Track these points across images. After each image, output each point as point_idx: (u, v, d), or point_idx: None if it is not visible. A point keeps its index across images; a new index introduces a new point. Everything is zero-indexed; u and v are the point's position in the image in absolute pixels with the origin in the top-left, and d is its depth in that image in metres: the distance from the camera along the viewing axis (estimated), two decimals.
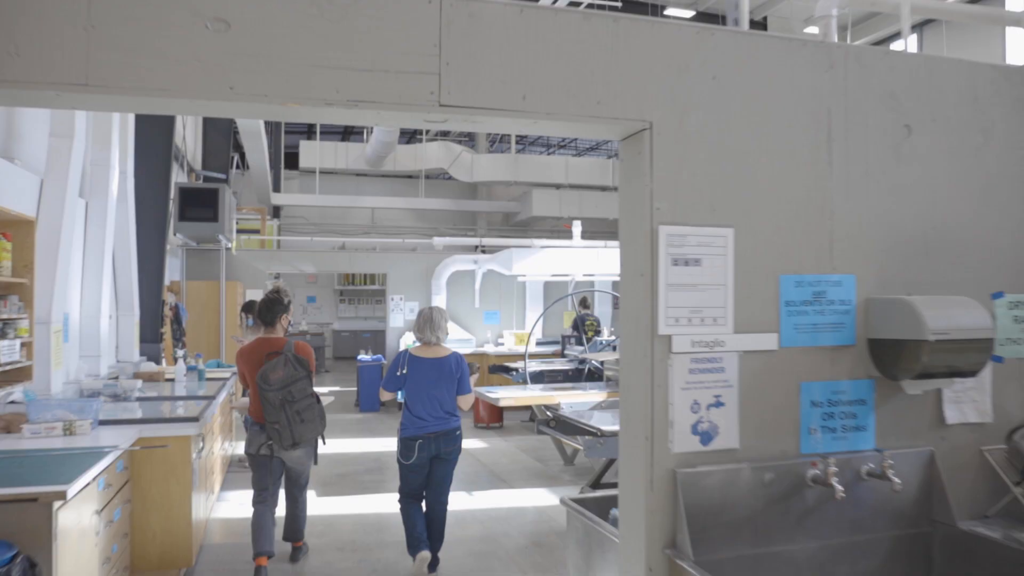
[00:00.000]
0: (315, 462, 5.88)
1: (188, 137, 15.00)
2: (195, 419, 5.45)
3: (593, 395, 8.12)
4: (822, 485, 2.67)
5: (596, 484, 6.48)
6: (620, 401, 2.79)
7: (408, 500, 5.49)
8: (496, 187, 26.53)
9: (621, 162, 2.78)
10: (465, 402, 5.48)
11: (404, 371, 5.40)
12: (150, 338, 9.40)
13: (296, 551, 5.89)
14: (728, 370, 2.67)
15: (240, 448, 9.55)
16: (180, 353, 8.60)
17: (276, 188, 24.40)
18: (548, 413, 7.44)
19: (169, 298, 10.99)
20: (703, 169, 2.66)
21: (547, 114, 2.49)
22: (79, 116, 6.29)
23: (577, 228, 14.98)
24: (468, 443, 10.27)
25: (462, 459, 9.04)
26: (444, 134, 25.56)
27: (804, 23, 19.15)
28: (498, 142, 27.42)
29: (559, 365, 11.06)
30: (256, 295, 13.46)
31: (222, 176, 16.89)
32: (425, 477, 5.45)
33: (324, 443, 5.74)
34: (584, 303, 13.18)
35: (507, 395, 8.17)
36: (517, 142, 26.57)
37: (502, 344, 13.87)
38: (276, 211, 24.49)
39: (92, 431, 5.01)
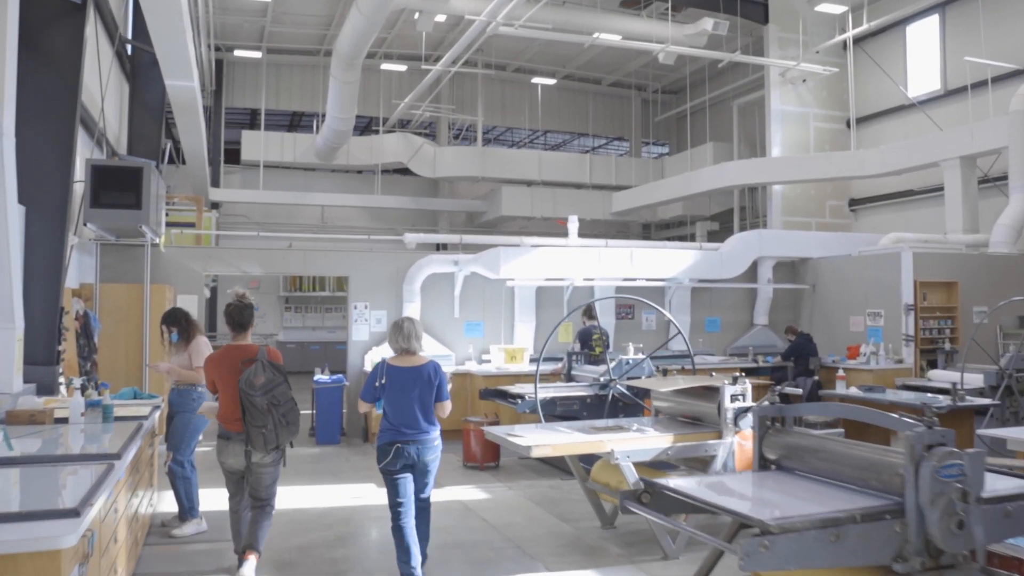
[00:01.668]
0: (284, 464, 5.58)
1: (109, 113, 12.51)
2: (75, 513, 3.17)
3: (653, 439, 5.93)
4: None
5: None
6: None
7: (397, 514, 5.26)
8: (460, 184, 24.30)
9: None
10: (443, 409, 5.42)
11: (383, 381, 5.32)
12: (42, 359, 6.99)
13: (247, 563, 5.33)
14: None
15: (164, 506, 7.19)
16: (77, 383, 6.22)
17: (215, 183, 21.90)
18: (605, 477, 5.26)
19: (75, 305, 8.58)
20: None
21: None
22: None
23: (573, 224, 12.89)
24: (463, 493, 8.08)
25: (468, 525, 6.86)
26: (403, 124, 23.26)
27: (810, 2, 17.36)
28: (462, 135, 25.17)
29: (571, 390, 8.91)
30: (190, 302, 11.05)
31: (151, 162, 14.43)
32: (410, 481, 5.33)
33: (292, 447, 5.68)
34: (589, 313, 11.08)
35: (537, 440, 5.90)
36: (483, 135, 24.41)
37: (488, 362, 11.65)
38: (214, 208, 21.92)
39: None
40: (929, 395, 8.35)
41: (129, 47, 13.44)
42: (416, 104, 20.83)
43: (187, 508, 6.52)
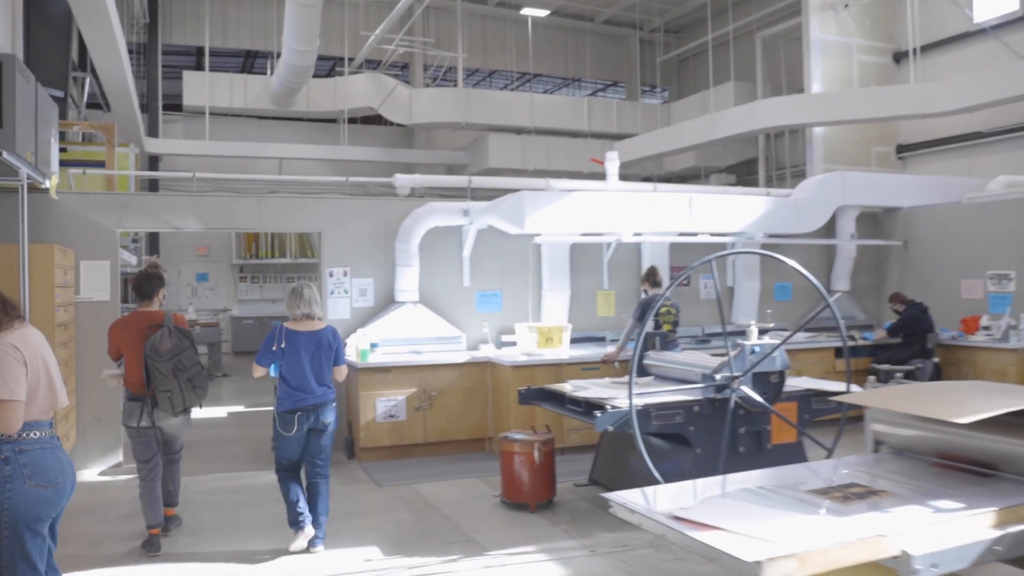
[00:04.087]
0: (190, 426, 5.86)
1: None
2: None
3: (961, 521, 3.07)
4: None
5: None
6: None
7: (286, 475, 5.51)
8: (438, 133, 21.17)
9: None
10: (340, 373, 5.57)
11: (282, 345, 5.35)
12: None
13: (169, 521, 5.75)
14: None
15: None
16: None
17: (153, 133, 18.58)
18: None
19: None
20: None
21: None
22: None
23: (613, 164, 9.95)
24: (524, 565, 5.18)
25: None
26: (372, 66, 20.02)
27: None
28: (439, 80, 21.99)
29: (669, 393, 6.01)
30: (100, 269, 8.01)
31: (57, 93, 11.19)
32: (302, 450, 5.49)
33: (200, 408, 5.76)
34: (652, 278, 8.21)
35: (771, 545, 2.94)
36: (466, 76, 21.27)
37: (512, 344, 8.72)
38: (153, 163, 18.64)
39: None
40: None
41: None
42: (388, 38, 17.68)
43: None
